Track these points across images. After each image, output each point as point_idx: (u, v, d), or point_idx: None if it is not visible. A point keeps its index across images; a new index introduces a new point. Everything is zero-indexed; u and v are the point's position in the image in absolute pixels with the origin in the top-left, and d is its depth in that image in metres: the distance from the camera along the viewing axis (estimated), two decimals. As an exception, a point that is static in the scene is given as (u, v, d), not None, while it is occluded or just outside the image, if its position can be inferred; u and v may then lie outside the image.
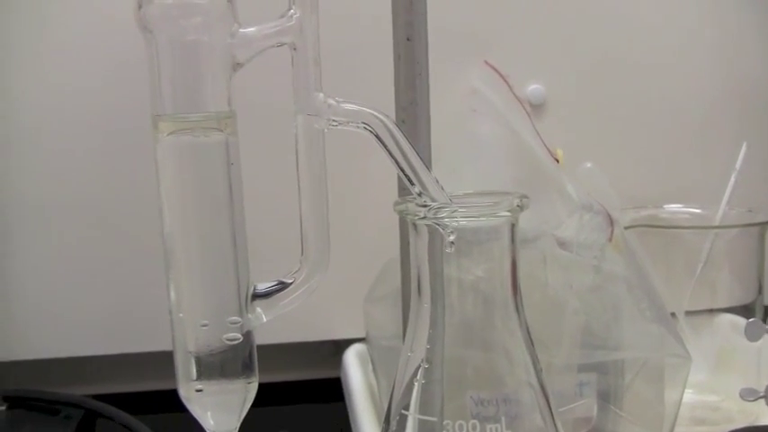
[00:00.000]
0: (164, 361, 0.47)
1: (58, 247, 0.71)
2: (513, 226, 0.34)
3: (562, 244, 0.49)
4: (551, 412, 0.35)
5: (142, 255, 0.69)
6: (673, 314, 0.62)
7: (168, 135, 0.33)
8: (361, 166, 0.64)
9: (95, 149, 0.70)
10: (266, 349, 0.44)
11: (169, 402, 0.41)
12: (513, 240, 0.34)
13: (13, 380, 0.70)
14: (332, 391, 0.72)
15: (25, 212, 0.70)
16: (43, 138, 0.70)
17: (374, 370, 0.63)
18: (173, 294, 0.34)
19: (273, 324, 0.36)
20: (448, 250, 0.33)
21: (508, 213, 0.34)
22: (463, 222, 0.33)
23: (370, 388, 0.62)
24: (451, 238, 0.33)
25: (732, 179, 0.68)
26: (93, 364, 0.74)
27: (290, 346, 0.74)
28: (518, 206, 0.34)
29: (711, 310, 0.68)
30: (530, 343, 0.35)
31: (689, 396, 0.55)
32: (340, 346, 0.73)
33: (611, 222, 0.50)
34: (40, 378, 0.73)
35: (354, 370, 0.66)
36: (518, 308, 0.35)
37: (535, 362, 0.35)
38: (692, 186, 0.73)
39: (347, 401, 0.64)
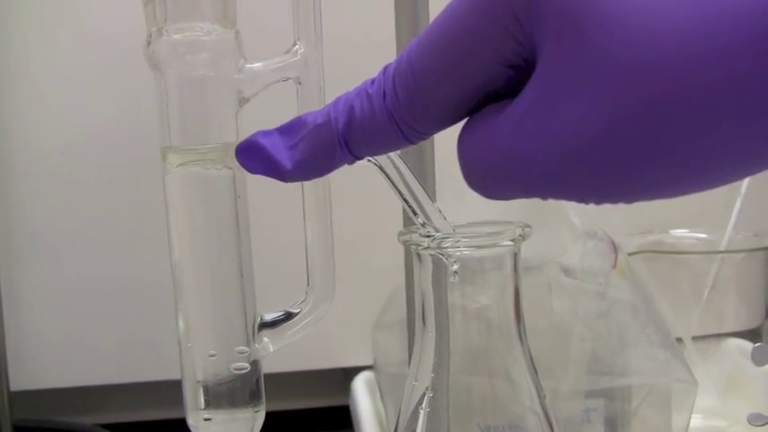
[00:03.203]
0: (174, 390, 0.47)
1: (69, 277, 0.71)
2: (515, 255, 0.35)
3: (567, 271, 0.49)
4: (556, 439, 0.36)
5: (152, 284, 0.69)
6: (680, 339, 0.62)
7: (177, 167, 0.33)
8: (371, 193, 0.64)
9: (104, 179, 0.71)
10: (275, 377, 0.44)
11: (178, 431, 0.41)
12: (515, 269, 0.35)
13: (24, 409, 0.70)
14: (340, 419, 0.72)
15: (35, 242, 0.71)
16: (53, 167, 0.71)
17: (382, 398, 0.63)
18: (181, 324, 0.34)
19: (282, 352, 0.36)
20: (452, 280, 0.34)
21: (511, 243, 0.34)
22: (466, 252, 0.34)
23: (378, 416, 0.63)
24: (455, 267, 0.34)
25: (738, 204, 0.68)
26: (103, 393, 0.75)
27: (299, 374, 0.74)
28: (520, 236, 0.34)
29: (719, 335, 0.68)
30: (533, 370, 0.36)
31: (697, 421, 0.55)
32: (348, 374, 0.73)
33: (615, 249, 0.50)
34: (52, 407, 0.73)
35: (363, 398, 0.66)
36: (521, 336, 0.35)
37: (539, 389, 0.36)
38: (698, 211, 0.73)
39: (356, 429, 0.64)
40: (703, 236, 0.70)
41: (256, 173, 0.29)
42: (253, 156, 0.29)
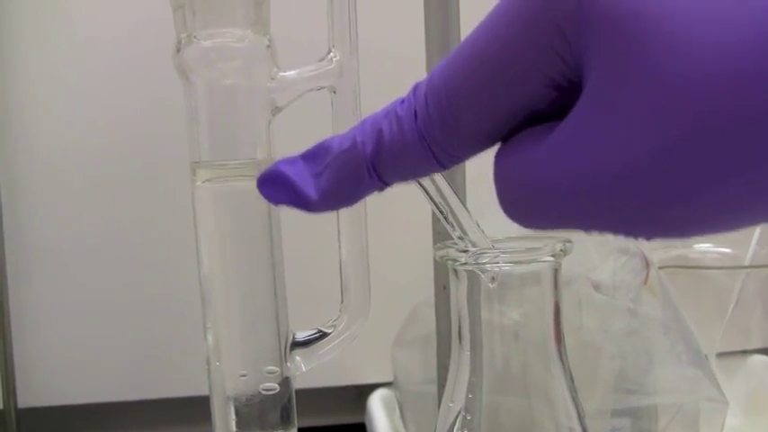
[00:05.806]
0: (184, 407, 0.46)
1: (78, 293, 0.70)
2: (555, 271, 0.33)
3: (597, 287, 0.48)
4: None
5: (163, 299, 0.69)
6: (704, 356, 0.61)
7: (205, 182, 0.32)
8: (388, 210, 0.63)
9: (114, 193, 0.70)
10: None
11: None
12: (555, 286, 0.34)
13: (32, 427, 0.69)
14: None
15: (44, 258, 0.70)
16: (63, 181, 0.70)
17: (402, 416, 0.62)
18: (210, 342, 0.33)
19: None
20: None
21: (551, 258, 0.33)
22: (505, 268, 0.32)
23: (396, 434, 0.61)
24: (493, 285, 0.32)
25: (761, 218, 0.67)
26: (112, 410, 0.73)
27: (311, 392, 0.73)
28: (561, 251, 0.33)
29: (744, 352, 0.67)
30: (574, 391, 0.34)
31: (721, 440, 0.53)
32: (362, 392, 0.72)
33: (647, 265, 0.49)
34: (60, 425, 0.72)
35: (380, 415, 0.65)
36: (561, 355, 0.34)
37: (579, 408, 0.34)
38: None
39: (373, 447, 0.63)
40: (727, 251, 0.68)
41: (280, 203, 0.27)
42: (276, 186, 0.27)
